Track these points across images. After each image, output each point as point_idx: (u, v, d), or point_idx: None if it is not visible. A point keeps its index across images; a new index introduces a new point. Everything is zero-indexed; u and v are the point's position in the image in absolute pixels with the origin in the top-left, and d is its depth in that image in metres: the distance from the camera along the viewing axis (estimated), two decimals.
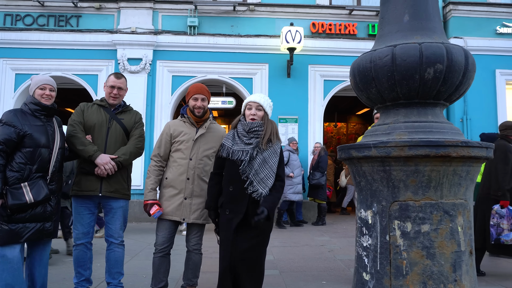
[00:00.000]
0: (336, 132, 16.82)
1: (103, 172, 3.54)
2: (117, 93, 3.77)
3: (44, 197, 3.22)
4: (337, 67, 9.79)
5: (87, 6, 9.83)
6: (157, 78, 9.79)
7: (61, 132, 3.53)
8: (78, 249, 3.65)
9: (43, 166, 3.29)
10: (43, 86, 3.41)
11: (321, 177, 9.17)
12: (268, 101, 3.24)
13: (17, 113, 3.31)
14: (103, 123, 3.70)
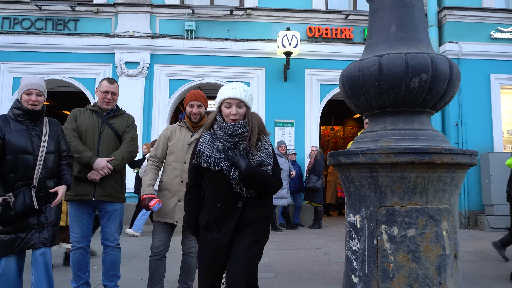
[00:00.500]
0: (333, 135, 16.91)
1: (96, 178, 3.58)
2: (111, 98, 3.79)
3: (24, 208, 3.02)
4: (334, 71, 9.87)
5: (85, 10, 9.90)
6: (154, 81, 9.85)
7: (52, 135, 3.30)
8: (77, 252, 3.68)
9: (27, 173, 3.10)
10: (29, 91, 3.22)
11: (317, 181, 9.25)
12: (249, 93, 2.65)
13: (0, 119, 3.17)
14: (95, 128, 3.73)
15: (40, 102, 3.26)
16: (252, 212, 2.57)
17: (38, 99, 3.25)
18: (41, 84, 3.30)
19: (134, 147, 3.86)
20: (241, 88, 2.62)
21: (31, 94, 3.23)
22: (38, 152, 3.16)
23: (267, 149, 2.63)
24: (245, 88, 2.64)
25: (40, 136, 3.24)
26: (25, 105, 3.21)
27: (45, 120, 3.34)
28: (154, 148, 3.71)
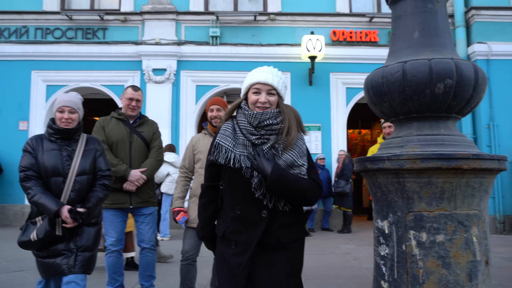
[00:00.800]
0: (361, 139, 16.74)
1: (132, 189, 3.74)
2: (135, 105, 3.90)
3: (45, 235, 2.81)
4: (359, 74, 9.79)
5: (113, 19, 10.15)
6: (181, 87, 10.00)
7: (87, 154, 3.08)
8: (112, 255, 3.80)
9: (56, 197, 2.89)
10: (61, 109, 3.02)
11: (346, 185, 9.18)
12: (282, 80, 2.16)
13: (33, 139, 3.03)
14: (124, 138, 3.84)
15: (73, 120, 3.04)
16: (285, 232, 2.04)
17: (71, 116, 3.03)
18: (74, 101, 3.07)
19: (162, 155, 4.02)
20: (273, 72, 2.14)
21: (64, 111, 3.02)
22: (68, 174, 2.94)
23: (299, 147, 2.08)
24: (278, 73, 2.16)
25: (71, 156, 3.01)
26: (58, 123, 3.02)
27: (82, 138, 3.12)
28: (183, 159, 3.82)
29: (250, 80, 2.13)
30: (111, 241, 3.80)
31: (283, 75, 2.18)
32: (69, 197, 2.91)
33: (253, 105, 2.10)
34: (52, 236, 2.83)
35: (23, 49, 10.08)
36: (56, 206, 2.76)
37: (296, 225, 2.11)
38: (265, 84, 2.09)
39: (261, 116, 2.04)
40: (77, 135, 3.10)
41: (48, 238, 2.83)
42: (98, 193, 3.04)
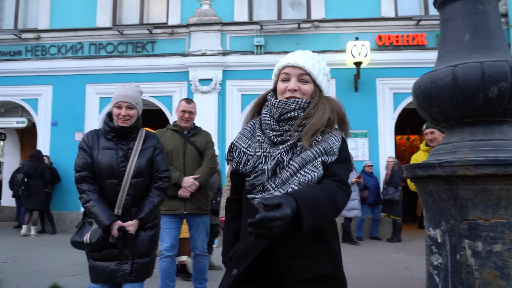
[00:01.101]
0: (409, 145, 16.27)
1: (186, 195, 3.87)
2: (188, 117, 4.07)
3: (97, 240, 2.62)
4: (407, 79, 9.53)
5: (161, 32, 10.50)
6: (227, 97, 10.16)
7: (144, 154, 2.81)
8: (166, 261, 3.93)
9: (111, 200, 2.71)
10: (118, 104, 2.76)
11: (395, 193, 8.94)
12: (321, 65, 1.67)
13: (89, 135, 2.83)
14: (179, 147, 4.00)
15: (132, 117, 2.77)
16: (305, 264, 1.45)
17: (129, 113, 2.76)
18: (132, 95, 2.79)
19: (215, 163, 4.13)
20: (308, 55, 1.67)
21: (121, 107, 2.76)
22: (123, 176, 2.70)
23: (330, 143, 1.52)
24: (316, 57, 1.68)
25: (127, 157, 2.75)
26: (115, 119, 2.78)
27: (140, 136, 2.86)
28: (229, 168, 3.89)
29: (279, 64, 1.69)
30: (165, 246, 3.93)
31: (323, 61, 1.70)
32: (125, 201, 2.71)
33: (281, 95, 1.64)
34: (105, 242, 2.65)
35: (79, 64, 10.62)
36: (108, 220, 2.57)
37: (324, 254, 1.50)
38: (295, 67, 1.62)
39: (284, 106, 1.58)
40: (135, 133, 2.83)
41: (99, 243, 2.65)
42: (153, 199, 2.79)
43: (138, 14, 10.98)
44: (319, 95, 1.63)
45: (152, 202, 2.78)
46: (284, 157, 1.51)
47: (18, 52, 10.99)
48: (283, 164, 1.50)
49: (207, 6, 10.40)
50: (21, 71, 10.83)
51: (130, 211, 2.73)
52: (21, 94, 10.88)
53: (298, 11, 10.55)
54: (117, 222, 2.62)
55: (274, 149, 1.54)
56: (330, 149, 1.51)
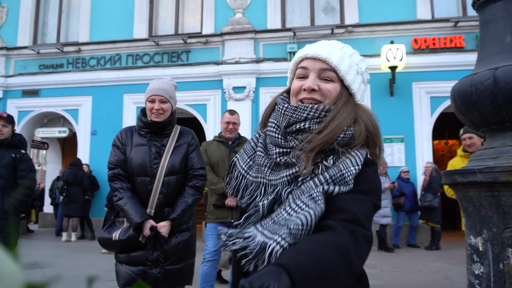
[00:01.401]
0: (448, 150, 15.81)
1: (233, 204, 3.99)
2: (232, 128, 4.22)
3: (125, 237, 2.46)
4: (444, 82, 9.31)
5: (195, 42, 10.69)
6: (260, 104, 10.22)
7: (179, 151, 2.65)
8: (207, 265, 4.02)
9: (144, 199, 2.57)
10: (151, 98, 2.62)
11: (434, 199, 8.70)
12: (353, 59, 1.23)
13: (123, 131, 2.71)
14: (224, 158, 4.15)
15: (165, 111, 2.63)
16: None
17: (163, 107, 2.62)
18: (166, 88, 2.64)
19: None
20: (336, 45, 1.24)
21: (154, 101, 2.62)
22: (156, 174, 2.56)
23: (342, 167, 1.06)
24: (346, 48, 1.25)
25: (160, 153, 2.61)
26: (148, 114, 2.65)
27: (175, 132, 2.71)
28: None
29: (296, 56, 1.28)
30: (208, 251, 4.04)
31: (358, 55, 1.26)
32: (158, 200, 2.57)
33: (294, 97, 1.22)
34: (135, 241, 2.48)
35: (116, 74, 10.96)
36: (140, 218, 2.42)
37: None
38: (316, 59, 1.19)
39: (293, 113, 1.15)
40: (169, 129, 2.69)
41: (129, 241, 2.48)
42: (186, 199, 2.61)
43: (173, 25, 11.24)
44: (345, 100, 1.17)
45: (186, 202, 2.59)
46: (284, 189, 1.10)
47: (60, 65, 11.46)
48: (281, 199, 1.10)
49: (240, 15, 10.52)
50: (63, 83, 11.28)
51: (163, 211, 2.58)
52: (63, 105, 11.33)
53: (331, 17, 10.50)
54: (149, 221, 2.46)
55: (276, 175, 1.13)
56: (340, 176, 1.05)
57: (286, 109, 1.16)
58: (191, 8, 11.37)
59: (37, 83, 11.46)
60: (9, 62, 11.78)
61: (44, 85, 11.42)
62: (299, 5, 10.73)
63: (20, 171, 4.14)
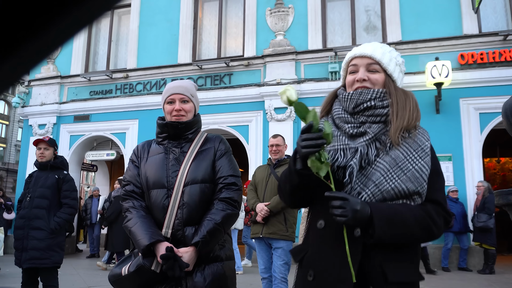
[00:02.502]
0: (500, 168, 15.08)
1: (258, 219, 4.26)
2: (276, 149, 4.50)
3: (136, 268, 1.95)
4: (494, 98, 8.95)
5: (237, 65, 10.90)
6: (301, 124, 10.13)
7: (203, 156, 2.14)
8: (264, 282, 4.37)
9: (158, 216, 2.05)
10: (171, 99, 2.20)
11: (489, 220, 8.25)
12: (392, 54, 1.58)
13: (140, 145, 2.33)
14: (263, 179, 4.50)
15: (187, 111, 2.19)
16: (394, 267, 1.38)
17: (184, 107, 2.18)
18: (186, 86, 2.23)
19: None
20: (377, 45, 1.59)
21: (174, 102, 2.20)
22: (174, 184, 2.05)
23: (418, 143, 1.47)
24: (386, 46, 1.59)
25: (180, 160, 2.12)
26: (168, 118, 2.21)
27: (199, 138, 2.23)
28: None
29: (346, 57, 1.62)
30: (260, 269, 4.38)
31: (395, 51, 1.61)
32: (176, 217, 2.01)
33: (350, 88, 1.57)
34: (147, 272, 1.93)
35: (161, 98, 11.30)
36: (148, 239, 1.89)
37: (409, 261, 1.44)
38: (363, 57, 1.54)
39: (359, 97, 1.49)
40: (191, 133, 2.19)
41: (141, 274, 1.94)
42: (214, 216, 2.01)
43: (216, 49, 11.54)
44: (393, 85, 1.53)
45: (213, 220, 1.99)
46: (368, 150, 1.42)
47: (109, 91, 11.99)
48: (368, 159, 1.42)
49: (282, 37, 10.66)
50: (111, 108, 11.78)
51: (183, 230, 2.01)
52: (111, 129, 11.80)
53: (373, 35, 10.43)
54: (163, 243, 1.92)
55: (353, 142, 1.45)
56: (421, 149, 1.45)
57: (353, 94, 1.51)
58: (233, 33, 11.64)
59: (88, 109, 12.03)
60: (63, 89, 12.46)
61: (94, 110, 11.97)
62: (340, 25, 10.75)
63: (63, 191, 4.36)
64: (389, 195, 1.37)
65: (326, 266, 1.41)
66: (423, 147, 1.46)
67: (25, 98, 12.68)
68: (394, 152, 1.42)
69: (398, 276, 1.36)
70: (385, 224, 1.31)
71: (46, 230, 4.17)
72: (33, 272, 4.24)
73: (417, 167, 1.40)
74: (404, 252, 1.42)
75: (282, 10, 10.76)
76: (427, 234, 1.39)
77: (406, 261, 1.41)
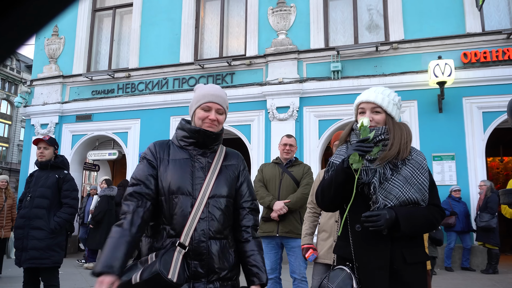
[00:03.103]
0: (503, 167, 15.02)
1: (274, 216, 4.15)
2: (289, 149, 4.46)
3: (149, 276, 1.74)
4: (497, 97, 8.90)
5: (239, 64, 10.88)
6: (304, 123, 10.17)
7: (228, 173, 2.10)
8: (268, 283, 4.08)
9: (179, 225, 1.91)
10: (208, 106, 2.06)
11: (491, 219, 8.21)
12: (390, 98, 2.15)
13: (157, 144, 2.14)
14: (276, 176, 4.43)
15: (220, 123, 2.10)
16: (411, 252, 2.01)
17: (219, 118, 2.09)
18: (224, 97, 2.12)
19: (308, 190, 4.23)
20: (379, 91, 2.17)
21: (210, 110, 2.07)
22: (199, 193, 1.96)
23: (419, 162, 2.08)
24: (385, 91, 2.17)
25: (205, 170, 2.04)
26: (199, 124, 2.06)
27: (221, 150, 2.16)
28: (310, 194, 3.88)
29: (356, 101, 2.25)
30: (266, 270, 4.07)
31: (393, 93, 2.19)
32: (198, 228, 1.91)
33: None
34: (162, 282, 1.75)
35: (163, 98, 11.31)
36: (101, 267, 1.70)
37: (419, 246, 2.09)
38: (368, 102, 2.15)
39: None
40: (217, 144, 2.14)
41: (155, 283, 1.75)
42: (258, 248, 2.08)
43: (218, 48, 11.52)
44: (392, 122, 2.13)
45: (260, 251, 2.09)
46: (384, 171, 2.02)
47: (111, 90, 11.98)
48: (386, 177, 2.02)
49: (284, 36, 10.63)
50: (113, 107, 11.78)
51: (208, 244, 1.91)
52: (113, 128, 11.80)
53: (376, 34, 10.39)
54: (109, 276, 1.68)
55: (372, 164, 2.02)
56: (420, 165, 2.08)
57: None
58: (235, 32, 11.62)
59: (90, 108, 12.03)
60: (65, 89, 12.46)
61: (96, 110, 11.97)
62: (342, 24, 10.71)
63: (64, 190, 4.34)
64: (404, 203, 1.99)
65: (367, 258, 1.99)
66: (422, 165, 2.08)
67: (27, 98, 12.70)
68: (404, 172, 2.03)
69: (413, 258, 2.00)
70: (406, 222, 1.92)
71: (46, 230, 4.16)
72: (34, 272, 4.23)
73: (420, 181, 2.03)
74: (415, 241, 2.06)
75: (284, 9, 10.73)
76: (431, 227, 2.08)
77: (417, 247, 2.06)
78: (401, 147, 2.04)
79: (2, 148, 44.01)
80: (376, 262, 1.96)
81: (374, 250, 1.98)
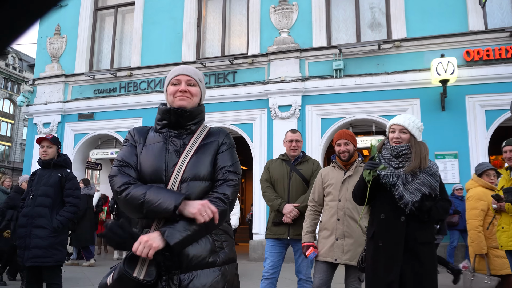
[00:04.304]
0: None
1: (288, 221, 3.99)
2: (296, 145, 4.25)
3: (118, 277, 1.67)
4: (500, 95, 8.87)
5: (241, 62, 10.87)
6: (306, 122, 10.16)
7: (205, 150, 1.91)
8: (265, 283, 4.03)
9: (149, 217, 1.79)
10: (176, 80, 1.97)
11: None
12: (414, 123, 2.99)
13: (136, 128, 2.04)
14: (284, 176, 4.20)
15: (193, 95, 1.95)
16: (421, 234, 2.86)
17: (190, 90, 1.95)
18: (194, 70, 2.01)
19: None
20: (406, 117, 3.04)
21: (179, 83, 1.96)
22: (170, 178, 1.83)
23: (433, 170, 2.93)
24: (412, 118, 3.03)
25: (179, 152, 1.89)
26: (171, 100, 1.96)
27: (202, 130, 1.99)
28: (312, 193, 3.88)
29: (389, 123, 3.08)
30: (266, 268, 4.04)
31: (417, 120, 3.05)
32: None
33: (391, 141, 3.01)
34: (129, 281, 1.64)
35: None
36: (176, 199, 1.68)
37: (428, 230, 2.92)
38: (397, 124, 2.99)
39: (398, 148, 2.95)
40: (194, 123, 1.96)
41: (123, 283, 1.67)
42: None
43: (220, 47, 11.51)
44: (414, 140, 2.97)
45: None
46: (406, 176, 2.87)
47: (113, 89, 11.99)
48: (407, 181, 2.86)
49: (286, 34, 10.61)
50: (115, 106, 11.79)
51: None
52: (115, 127, 11.80)
53: (378, 32, 10.36)
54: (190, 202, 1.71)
55: (397, 171, 2.90)
56: (433, 173, 2.94)
57: (395, 147, 2.95)
58: (237, 30, 11.61)
59: (92, 107, 12.05)
60: (67, 88, 12.48)
61: (98, 108, 11.99)
62: (344, 22, 10.69)
63: (66, 189, 4.34)
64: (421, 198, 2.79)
65: (389, 237, 2.86)
66: (435, 172, 2.95)
67: (30, 97, 12.72)
68: (421, 177, 2.88)
69: (423, 238, 2.85)
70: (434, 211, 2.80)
71: (48, 229, 4.16)
72: (36, 270, 4.24)
73: (433, 183, 2.90)
74: (425, 225, 2.88)
75: (286, 8, 10.71)
76: (445, 214, 2.99)
77: (426, 229, 2.89)
78: (421, 159, 2.87)
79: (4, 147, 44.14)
80: (394, 239, 2.82)
81: (393, 232, 2.85)
